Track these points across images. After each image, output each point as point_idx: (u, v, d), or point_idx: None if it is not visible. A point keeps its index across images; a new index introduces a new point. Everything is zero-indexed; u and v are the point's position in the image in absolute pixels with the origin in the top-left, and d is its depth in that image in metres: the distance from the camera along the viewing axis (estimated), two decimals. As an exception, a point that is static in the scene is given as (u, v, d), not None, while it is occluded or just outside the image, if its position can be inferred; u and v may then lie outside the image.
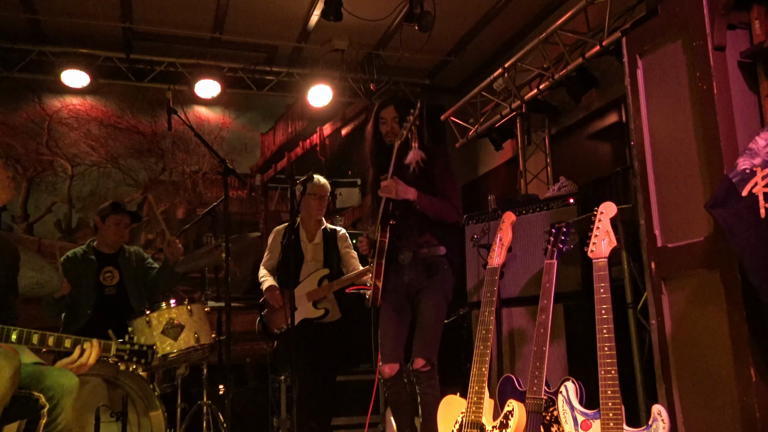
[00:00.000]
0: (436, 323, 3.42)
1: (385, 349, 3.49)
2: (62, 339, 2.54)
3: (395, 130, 3.51)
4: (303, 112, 7.54)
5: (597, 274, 2.67)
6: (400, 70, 7.20)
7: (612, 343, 2.54)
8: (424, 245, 3.46)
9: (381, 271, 3.40)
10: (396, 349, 3.46)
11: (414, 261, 3.44)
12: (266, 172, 7.51)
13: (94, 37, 6.47)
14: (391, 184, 3.32)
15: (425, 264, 3.45)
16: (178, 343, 3.86)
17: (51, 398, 2.40)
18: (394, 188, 3.32)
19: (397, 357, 3.45)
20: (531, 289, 4.02)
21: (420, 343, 3.38)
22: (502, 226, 3.16)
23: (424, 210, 3.39)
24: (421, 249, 3.46)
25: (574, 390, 2.66)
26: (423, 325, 3.41)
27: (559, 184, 4.71)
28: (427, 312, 3.42)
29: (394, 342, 3.47)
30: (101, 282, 4.48)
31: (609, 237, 2.72)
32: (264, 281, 4.69)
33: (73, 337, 2.56)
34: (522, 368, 3.89)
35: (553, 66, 5.28)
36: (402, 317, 3.50)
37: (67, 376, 2.48)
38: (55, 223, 6.66)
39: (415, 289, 3.46)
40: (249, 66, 7.03)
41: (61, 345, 2.53)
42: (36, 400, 2.39)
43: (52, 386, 2.41)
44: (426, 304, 3.43)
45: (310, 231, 4.74)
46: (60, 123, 6.80)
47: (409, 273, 3.46)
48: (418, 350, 3.37)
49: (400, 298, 3.50)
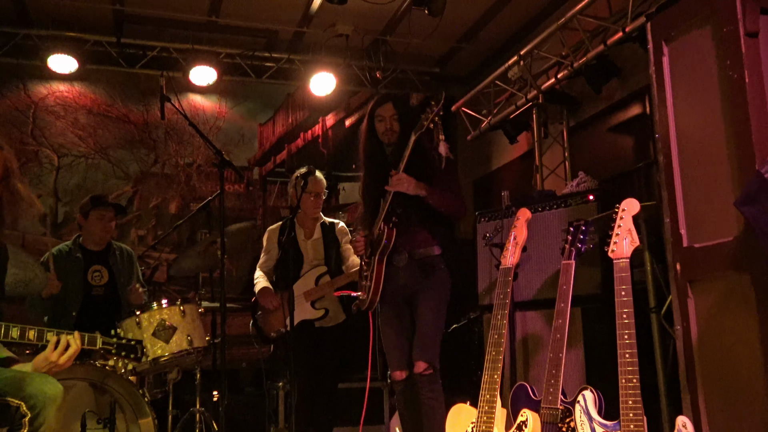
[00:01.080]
0: (437, 325, 3.49)
1: (393, 357, 3.59)
2: (44, 332, 2.55)
3: (394, 128, 3.58)
4: (304, 101, 7.54)
5: (618, 276, 2.66)
6: (408, 57, 7.19)
7: (634, 349, 2.53)
8: (420, 245, 3.52)
9: (382, 273, 3.48)
10: (402, 355, 3.55)
11: (409, 262, 3.51)
12: (265, 165, 7.51)
13: (82, 20, 6.46)
14: (404, 177, 3.38)
15: (421, 265, 3.52)
16: (170, 346, 3.88)
17: (33, 407, 2.38)
18: (406, 182, 3.38)
19: (404, 362, 3.54)
20: (546, 292, 4.01)
21: (421, 347, 3.45)
22: (517, 224, 3.16)
23: (435, 205, 3.45)
24: (417, 249, 3.52)
25: (593, 399, 2.65)
26: (423, 328, 3.47)
27: (578, 179, 4.70)
28: (426, 314, 3.48)
29: (399, 348, 3.56)
30: (89, 282, 4.48)
31: (631, 236, 2.71)
32: (257, 282, 4.70)
33: (55, 330, 2.58)
34: (536, 376, 3.88)
35: (572, 54, 5.26)
36: (403, 322, 3.58)
37: (50, 384, 2.47)
38: (40, 218, 6.68)
39: (411, 291, 3.53)
40: (247, 52, 7.03)
41: (42, 339, 2.54)
42: (16, 408, 2.38)
43: (34, 394, 2.40)
44: (425, 306, 3.49)
45: (308, 228, 4.74)
46: (46, 111, 6.82)
47: (405, 275, 3.52)
48: (419, 354, 3.44)
49: (398, 302, 3.57)
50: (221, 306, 3.84)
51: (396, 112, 3.59)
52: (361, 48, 7.00)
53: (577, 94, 5.90)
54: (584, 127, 6.04)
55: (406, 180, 3.39)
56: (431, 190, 3.44)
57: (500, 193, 4.59)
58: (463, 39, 7.01)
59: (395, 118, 3.59)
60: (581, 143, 6.05)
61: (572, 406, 2.69)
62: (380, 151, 3.66)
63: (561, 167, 6.12)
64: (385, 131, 3.60)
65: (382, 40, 6.95)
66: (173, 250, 6.76)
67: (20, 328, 2.51)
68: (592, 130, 5.96)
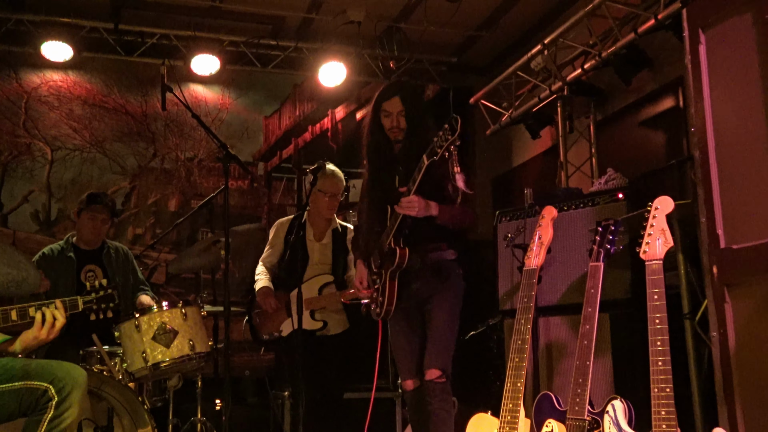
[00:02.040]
0: (450, 331, 3.52)
1: (404, 365, 3.62)
2: (26, 309, 2.67)
3: (401, 125, 3.54)
4: (313, 92, 7.57)
5: (650, 279, 2.66)
6: (423, 45, 7.19)
7: (667, 357, 2.53)
8: (432, 249, 3.55)
9: (395, 288, 3.51)
10: (413, 363, 3.58)
11: (423, 267, 3.52)
12: (270, 160, 7.55)
13: (78, 5, 6.51)
14: (415, 201, 3.36)
15: (435, 269, 3.54)
16: (171, 351, 3.89)
17: (61, 390, 2.49)
18: (417, 206, 3.36)
19: (415, 371, 3.56)
20: (572, 296, 4.02)
21: (433, 353, 3.46)
22: (542, 223, 3.16)
23: (445, 223, 3.48)
24: (430, 254, 3.54)
25: (623, 410, 2.65)
26: (436, 334, 3.50)
27: (606, 176, 4.70)
28: (439, 319, 3.51)
29: (410, 356, 3.59)
30: (82, 282, 4.53)
31: (664, 236, 2.71)
32: (258, 280, 4.71)
33: (36, 303, 2.70)
34: (561, 385, 3.88)
35: (600, 42, 5.25)
36: (414, 328, 3.60)
37: (77, 369, 2.61)
38: (32, 215, 6.73)
39: (424, 296, 3.55)
40: (252, 39, 7.05)
41: (26, 317, 2.66)
42: (44, 391, 2.49)
43: (62, 377, 2.52)
44: (438, 311, 3.51)
45: (319, 229, 4.75)
46: (39, 101, 6.87)
47: (418, 280, 3.54)
48: (431, 361, 3.46)
49: (409, 308, 3.59)
50: (225, 309, 3.87)
51: (404, 107, 3.54)
52: (373, 36, 7.02)
53: (605, 86, 5.88)
54: (612, 121, 6.02)
55: (417, 204, 3.35)
56: (442, 210, 3.44)
57: (521, 192, 4.59)
58: (483, 26, 7.01)
59: (402, 114, 3.54)
60: (609, 139, 6.04)
61: (600, 417, 2.69)
62: (387, 147, 3.63)
63: (587, 164, 6.11)
64: (392, 128, 3.57)
65: (396, 27, 6.96)
66: (172, 249, 6.80)
67: (1, 311, 2.63)
68: (620, 125, 5.94)
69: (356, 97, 7.66)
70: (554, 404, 2.88)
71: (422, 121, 3.57)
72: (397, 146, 3.61)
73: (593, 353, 2.82)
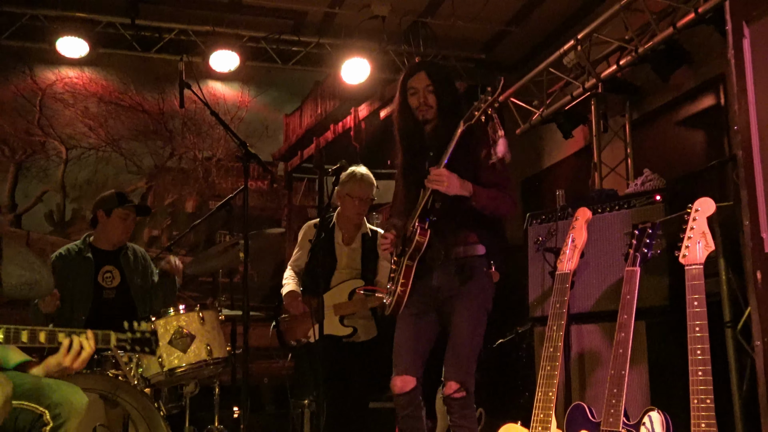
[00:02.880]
0: (473, 340, 3.33)
1: (399, 358, 3.40)
2: (55, 334, 2.61)
3: (429, 102, 3.40)
4: (335, 90, 7.59)
5: (690, 284, 2.65)
6: (450, 41, 7.19)
7: (707, 366, 2.51)
8: (460, 242, 3.37)
9: (411, 275, 3.33)
10: (414, 360, 3.38)
11: (446, 262, 3.34)
12: (291, 160, 7.58)
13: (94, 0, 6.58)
14: (445, 174, 3.20)
15: (459, 266, 3.35)
16: (188, 356, 3.90)
17: (57, 416, 2.45)
18: (447, 180, 3.21)
19: (413, 369, 3.36)
20: (606, 303, 3.99)
21: (453, 365, 3.30)
22: (575, 225, 3.15)
23: (481, 207, 3.29)
24: (457, 247, 3.36)
25: (661, 422, 2.64)
26: (457, 343, 3.31)
27: (643, 177, 4.68)
28: (461, 326, 3.32)
29: (412, 351, 3.39)
30: (99, 283, 4.57)
31: (705, 239, 2.69)
32: (285, 284, 4.74)
33: (67, 330, 2.64)
34: (594, 396, 3.86)
35: (637, 38, 5.23)
36: (423, 324, 3.42)
37: (77, 394, 2.55)
38: (46, 215, 6.81)
39: (445, 296, 3.38)
40: (272, 35, 7.10)
41: (54, 341, 2.60)
42: (39, 416, 2.45)
43: (60, 403, 2.47)
44: (460, 316, 3.33)
45: (348, 233, 4.76)
46: (54, 99, 6.96)
47: (440, 276, 3.37)
48: (450, 373, 3.29)
49: (424, 304, 3.41)
50: (244, 314, 3.88)
51: (430, 81, 3.40)
52: (398, 31, 7.03)
53: (642, 83, 5.86)
54: (649, 120, 5.99)
55: (447, 178, 3.19)
56: (477, 191, 3.26)
57: (552, 195, 4.57)
58: (513, 21, 7.00)
59: (430, 89, 3.40)
60: (646, 138, 6.01)
61: (636, 429, 2.68)
62: (417, 130, 3.46)
63: (622, 165, 6.08)
64: (419, 106, 3.41)
65: (422, 22, 6.97)
66: (189, 252, 6.85)
67: (30, 331, 2.56)
68: (658, 124, 5.91)
69: (380, 94, 7.66)
70: (587, 415, 2.87)
71: (453, 97, 3.43)
72: (427, 128, 3.45)
73: (629, 362, 2.81)
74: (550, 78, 6.19)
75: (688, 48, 5.06)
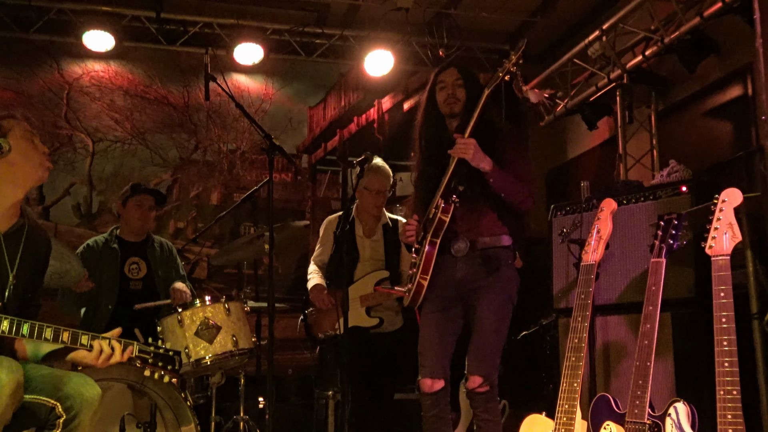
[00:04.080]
0: (498, 333, 3.32)
1: (427, 359, 3.38)
2: (78, 335, 2.62)
3: (458, 95, 3.43)
4: (358, 82, 7.59)
5: (716, 275, 2.64)
6: (474, 32, 7.17)
7: (734, 357, 2.50)
8: (485, 232, 3.35)
9: (432, 260, 3.29)
10: (440, 360, 3.36)
11: (471, 253, 3.33)
12: (314, 153, 7.60)
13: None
14: (471, 141, 3.20)
15: (485, 257, 3.33)
16: (214, 347, 3.95)
17: (69, 409, 2.46)
18: (473, 148, 3.19)
19: (440, 371, 3.34)
20: (631, 294, 3.98)
21: (477, 358, 3.29)
22: (600, 216, 3.15)
23: (497, 188, 3.27)
24: (482, 237, 3.34)
25: (686, 413, 2.63)
26: (481, 336, 3.30)
27: (669, 169, 4.65)
28: (486, 318, 3.30)
29: (438, 353, 3.36)
30: (126, 275, 4.64)
31: (732, 230, 2.68)
32: (310, 278, 4.76)
33: (90, 334, 2.64)
34: (619, 388, 3.85)
35: (663, 27, 5.20)
36: (448, 320, 3.40)
37: (89, 386, 2.55)
38: (73, 207, 6.90)
39: (470, 287, 3.36)
40: (296, 27, 7.12)
41: (77, 342, 2.61)
42: (51, 408, 2.46)
43: (72, 395, 2.48)
44: (485, 309, 3.31)
45: (368, 225, 4.77)
46: (80, 92, 7.03)
47: (464, 267, 3.35)
48: (474, 366, 3.28)
49: (449, 297, 3.39)
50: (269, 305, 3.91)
51: (460, 76, 3.44)
52: (422, 22, 7.02)
53: (668, 73, 5.82)
54: (675, 111, 5.96)
55: (473, 146, 3.18)
56: (496, 169, 3.25)
57: (576, 186, 4.57)
58: (537, 12, 6.97)
59: (459, 83, 3.43)
60: (672, 129, 5.97)
61: (662, 420, 2.67)
62: (441, 125, 3.49)
63: (648, 156, 6.05)
64: (447, 99, 3.44)
65: (446, 13, 6.96)
66: (215, 244, 6.90)
67: (54, 329, 2.56)
68: (684, 115, 5.88)
69: (403, 86, 7.65)
70: (612, 406, 2.87)
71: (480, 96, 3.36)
72: (452, 123, 3.45)
73: (654, 354, 2.80)
74: (574, 69, 6.17)
75: (716, 38, 5.01)
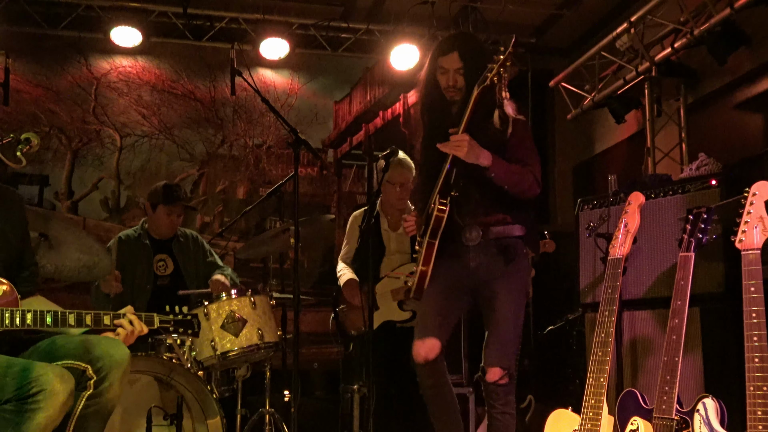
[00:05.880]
0: (516, 325, 3.27)
1: (425, 321, 3.30)
2: (101, 316, 2.71)
3: (458, 85, 3.26)
4: (384, 76, 7.59)
5: (747, 269, 2.60)
6: (501, 26, 7.13)
7: (765, 353, 2.47)
8: (496, 222, 3.26)
9: (432, 254, 3.22)
10: (441, 323, 3.27)
11: (485, 242, 3.24)
12: (340, 147, 7.62)
13: (147, -11, 6.70)
14: (465, 138, 3.07)
15: (500, 246, 3.25)
16: (239, 340, 3.98)
17: (99, 370, 2.53)
18: (467, 145, 3.06)
19: (439, 332, 3.24)
20: (659, 289, 3.97)
21: (497, 350, 3.23)
22: (628, 210, 3.12)
23: (500, 180, 3.16)
24: (493, 227, 3.25)
25: (715, 409, 2.61)
26: (499, 327, 3.24)
27: (698, 162, 4.62)
28: (504, 309, 3.24)
29: (439, 316, 3.28)
30: (154, 271, 4.68)
31: (763, 224, 2.64)
32: (342, 275, 4.76)
33: (112, 313, 2.74)
34: (646, 384, 3.83)
35: (692, 19, 5.16)
36: (452, 296, 3.32)
37: (118, 347, 2.62)
38: (101, 202, 6.97)
39: (486, 278, 3.28)
40: (322, 22, 7.12)
41: (100, 323, 2.70)
42: (83, 371, 2.52)
43: (101, 357, 2.54)
44: (503, 300, 3.24)
45: (394, 219, 4.76)
46: (108, 88, 7.10)
47: (478, 257, 3.26)
48: (494, 358, 3.22)
49: (457, 285, 3.31)
50: (295, 299, 3.93)
51: (462, 65, 3.23)
52: (447, 16, 6.98)
53: (697, 66, 5.77)
54: (705, 104, 5.91)
55: (468, 143, 3.04)
56: (496, 161, 3.12)
57: (604, 181, 4.54)
58: (565, 5, 6.93)
59: (460, 72, 3.24)
60: (701, 123, 5.92)
61: (690, 416, 2.65)
62: (443, 107, 3.33)
63: (676, 150, 6.00)
64: (447, 87, 3.28)
65: (472, 7, 6.93)
66: (241, 238, 6.94)
67: (76, 314, 2.65)
68: (714, 108, 5.83)
69: (429, 80, 7.63)
70: (639, 402, 2.84)
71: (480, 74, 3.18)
72: (453, 108, 3.30)
73: (682, 349, 2.77)
74: (602, 62, 6.14)
75: (746, 29, 4.96)
